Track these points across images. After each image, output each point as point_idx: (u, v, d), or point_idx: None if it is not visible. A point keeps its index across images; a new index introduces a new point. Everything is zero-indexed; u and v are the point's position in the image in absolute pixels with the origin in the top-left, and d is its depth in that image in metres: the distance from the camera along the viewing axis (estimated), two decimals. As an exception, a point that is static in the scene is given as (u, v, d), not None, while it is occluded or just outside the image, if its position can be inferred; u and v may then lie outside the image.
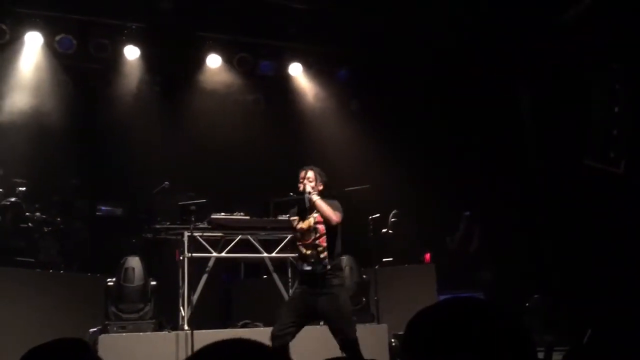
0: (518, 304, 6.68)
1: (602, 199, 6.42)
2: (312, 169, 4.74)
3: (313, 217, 4.57)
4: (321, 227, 4.53)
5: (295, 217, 4.66)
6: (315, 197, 4.56)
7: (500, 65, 7.74)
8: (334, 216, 4.51)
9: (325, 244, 4.51)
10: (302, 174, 4.71)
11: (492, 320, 1.01)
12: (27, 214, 6.31)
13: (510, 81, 7.98)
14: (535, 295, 6.72)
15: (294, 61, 8.67)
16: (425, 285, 6.95)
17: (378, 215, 7.10)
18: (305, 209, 4.62)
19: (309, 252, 4.51)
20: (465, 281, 7.60)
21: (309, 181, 4.66)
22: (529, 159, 7.90)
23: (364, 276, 6.55)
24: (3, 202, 6.20)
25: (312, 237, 4.54)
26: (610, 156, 6.54)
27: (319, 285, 4.47)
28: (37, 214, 6.47)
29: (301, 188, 4.65)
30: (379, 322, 6.35)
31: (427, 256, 7.69)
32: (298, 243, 4.62)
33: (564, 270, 7.07)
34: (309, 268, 4.49)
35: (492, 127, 8.03)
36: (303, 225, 4.59)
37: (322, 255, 4.49)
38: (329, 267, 4.47)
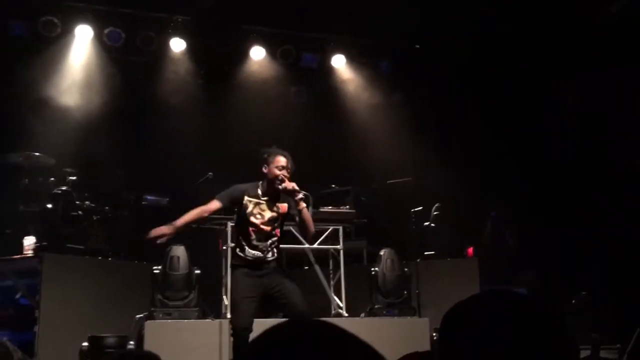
0: (563, 301, 6.55)
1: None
2: (288, 158, 4.47)
3: (277, 208, 4.45)
4: (281, 220, 4.49)
5: (252, 199, 4.40)
6: (304, 205, 4.40)
7: (543, 61, 7.56)
8: (312, 230, 4.49)
9: (278, 236, 4.49)
10: (286, 162, 4.45)
11: (531, 314, 0.99)
12: (77, 202, 6.50)
13: (552, 77, 7.79)
14: (582, 293, 6.57)
15: (337, 53, 8.65)
16: (467, 280, 6.86)
17: (420, 208, 7.05)
18: (275, 197, 4.43)
19: (261, 240, 4.39)
20: (509, 278, 7.48)
21: (288, 172, 4.44)
22: (571, 156, 7.71)
23: (405, 269, 6.52)
24: (55, 191, 6.40)
25: (271, 227, 4.44)
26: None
27: (264, 267, 4.40)
28: (87, 202, 6.65)
29: (280, 177, 4.37)
30: (420, 316, 6.32)
31: (470, 250, 7.59)
32: (251, 229, 4.37)
33: (611, 268, 6.88)
34: (259, 255, 4.38)
35: (533, 122, 7.87)
36: (264, 213, 4.42)
37: (273, 245, 4.43)
38: (276, 255, 4.47)
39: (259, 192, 4.48)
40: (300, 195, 4.37)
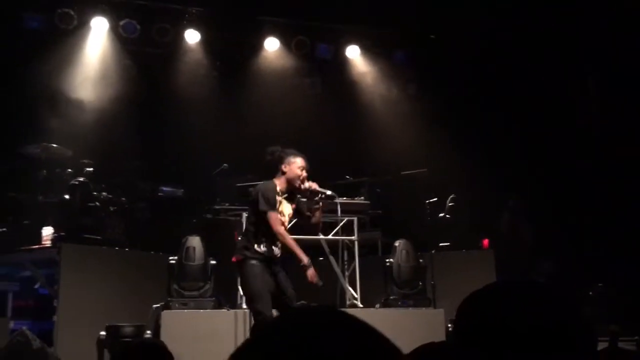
0: (581, 293, 6.49)
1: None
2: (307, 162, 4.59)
3: (291, 206, 4.61)
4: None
5: (279, 197, 4.50)
6: (320, 206, 4.58)
7: (564, 51, 7.46)
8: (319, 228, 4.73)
9: None
10: (305, 163, 4.57)
11: (549, 303, 0.98)
12: (94, 193, 6.56)
13: (574, 66, 7.69)
14: (599, 284, 6.51)
15: (351, 44, 8.61)
16: (483, 271, 6.83)
17: (435, 199, 7.02)
18: (291, 196, 4.58)
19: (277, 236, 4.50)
20: (526, 269, 7.43)
21: (307, 173, 4.56)
22: (593, 146, 7.62)
23: (420, 260, 6.51)
24: (72, 182, 6.46)
25: (286, 224, 4.63)
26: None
27: (275, 264, 4.58)
28: (104, 193, 6.71)
29: (302, 177, 4.50)
30: (435, 307, 6.30)
31: (486, 242, 7.54)
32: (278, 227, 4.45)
33: (629, 259, 6.80)
34: (276, 251, 4.55)
35: (551, 111, 7.77)
36: (284, 210, 4.56)
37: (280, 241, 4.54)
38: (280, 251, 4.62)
39: (278, 189, 4.54)
40: (325, 195, 4.56)
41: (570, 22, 7.21)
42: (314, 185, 4.51)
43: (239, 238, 4.68)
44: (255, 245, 4.49)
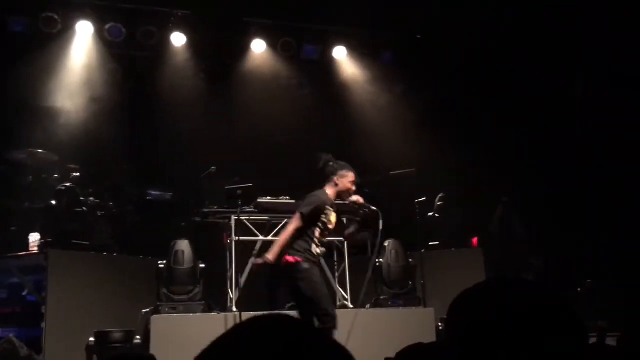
0: (570, 290, 6.54)
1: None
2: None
3: (335, 217, 4.87)
4: None
5: (329, 207, 4.79)
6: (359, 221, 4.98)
7: (552, 49, 7.51)
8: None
9: None
10: (356, 178, 4.88)
11: (539, 300, 0.98)
12: (82, 198, 6.51)
13: (561, 65, 7.74)
14: (588, 281, 6.56)
15: (338, 45, 8.62)
16: (472, 270, 6.86)
17: (424, 198, 7.03)
18: (336, 206, 4.85)
19: (324, 241, 4.85)
20: (515, 267, 7.46)
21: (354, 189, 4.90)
22: (581, 141, 7.67)
23: (410, 260, 6.52)
24: (58, 187, 6.41)
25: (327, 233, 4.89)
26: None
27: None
28: (91, 198, 6.66)
29: (352, 192, 4.83)
30: (425, 306, 6.32)
31: (475, 240, 7.58)
32: (327, 232, 4.81)
33: (618, 256, 6.86)
34: (321, 253, 4.86)
35: (541, 108, 7.82)
36: (333, 220, 4.84)
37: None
38: None
39: (329, 202, 4.84)
40: (369, 209, 4.83)
41: (559, 23, 7.25)
42: (361, 200, 4.82)
43: (297, 241, 4.72)
44: (313, 247, 4.73)
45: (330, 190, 4.83)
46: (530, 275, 7.11)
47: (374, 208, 4.88)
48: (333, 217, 4.83)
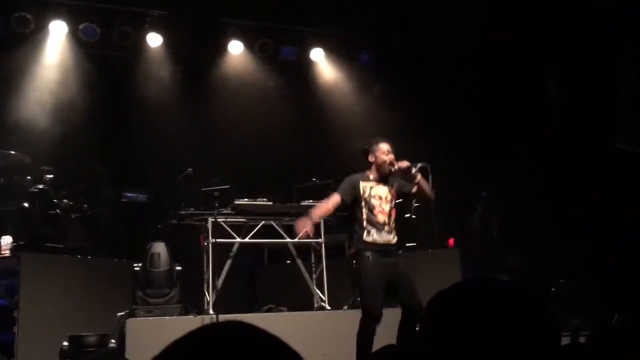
0: (544, 289, 6.62)
1: (630, 182, 6.30)
2: (391, 144, 4.80)
3: (389, 189, 4.70)
4: (394, 199, 4.74)
5: (366, 184, 4.67)
6: (419, 177, 4.70)
7: (526, 44, 7.59)
8: (433, 195, 4.80)
9: (394, 216, 4.70)
10: (389, 146, 4.78)
11: (512, 300, 0.99)
12: (55, 200, 6.40)
13: (537, 61, 7.83)
14: (561, 280, 6.65)
15: (316, 46, 8.63)
16: (449, 271, 6.90)
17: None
18: (385, 181, 4.71)
19: (383, 222, 4.60)
20: (491, 266, 7.53)
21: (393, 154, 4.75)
22: (555, 141, 7.78)
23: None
24: (31, 189, 6.30)
25: (389, 208, 4.67)
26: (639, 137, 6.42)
27: (392, 254, 4.65)
28: (65, 200, 6.56)
29: (389, 160, 4.69)
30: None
31: (451, 241, 7.63)
32: (374, 211, 4.60)
33: (591, 255, 6.97)
34: (384, 237, 4.60)
35: (517, 109, 7.92)
36: (381, 194, 4.66)
37: (394, 226, 4.67)
38: (397, 238, 4.69)
39: (371, 178, 4.72)
40: (415, 169, 4.66)
41: (533, 21, 7.34)
42: (403, 164, 4.69)
43: (353, 231, 4.68)
44: (364, 235, 4.60)
45: (369, 170, 4.75)
46: (505, 275, 7.19)
47: (420, 164, 4.73)
48: (379, 190, 4.66)
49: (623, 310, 5.19)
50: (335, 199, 4.67)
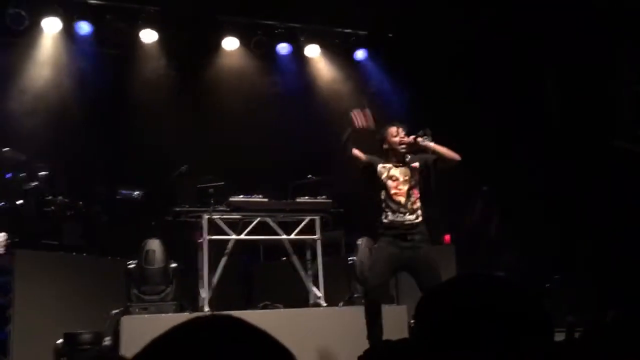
0: (540, 285, 6.63)
1: (628, 179, 6.32)
2: (402, 127, 4.83)
3: (408, 168, 4.70)
4: (417, 177, 4.69)
5: (385, 166, 4.72)
6: (432, 143, 4.66)
7: (526, 44, 7.59)
8: (456, 154, 4.72)
9: (418, 195, 4.66)
10: (396, 128, 4.81)
11: (507, 296, 0.99)
12: (50, 197, 6.38)
13: (536, 60, 7.83)
14: (556, 276, 6.66)
15: (311, 43, 8.61)
16: (445, 267, 6.87)
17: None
18: (403, 162, 4.72)
19: (401, 202, 4.60)
20: (487, 262, 7.55)
21: (403, 134, 4.77)
22: (554, 139, 7.78)
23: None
24: (26, 187, 6.28)
25: (408, 186, 4.66)
26: (638, 136, 6.43)
27: (411, 236, 4.59)
28: (60, 197, 6.55)
29: (399, 141, 4.72)
30: (398, 304, 6.35)
31: (447, 237, 7.64)
32: (392, 192, 4.63)
33: (587, 251, 6.98)
34: (403, 218, 4.59)
35: (516, 107, 7.91)
36: (397, 174, 4.68)
37: (415, 206, 4.63)
38: (420, 218, 4.61)
39: (389, 162, 4.78)
40: (422, 139, 4.67)
41: (529, 18, 7.33)
42: (408, 140, 4.72)
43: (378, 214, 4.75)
44: (382, 217, 4.64)
45: (385, 156, 4.82)
46: (501, 271, 7.20)
47: (421, 131, 4.77)
48: (396, 172, 4.71)
49: (618, 306, 5.21)
50: (362, 155, 4.82)
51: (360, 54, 8.73)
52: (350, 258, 6.47)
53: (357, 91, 8.93)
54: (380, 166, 4.76)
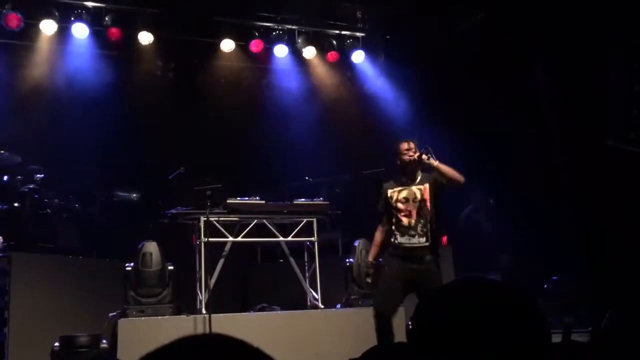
0: (536, 286, 6.63)
1: (622, 178, 6.32)
2: (413, 141, 4.76)
3: (418, 188, 4.66)
4: (428, 196, 4.63)
5: (394, 189, 4.70)
6: (436, 162, 4.58)
7: (519, 38, 7.59)
8: (460, 176, 4.62)
9: (429, 215, 4.61)
10: (407, 144, 4.73)
11: (504, 300, 0.99)
12: (46, 200, 6.37)
13: (529, 59, 7.83)
14: (554, 277, 6.67)
15: (308, 44, 8.61)
16: (442, 268, 6.90)
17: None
18: (414, 180, 4.68)
19: (411, 224, 4.59)
20: (484, 263, 7.55)
21: (414, 151, 4.70)
22: (548, 139, 7.79)
23: (380, 259, 6.53)
24: (22, 189, 6.26)
25: (417, 207, 4.63)
26: (631, 136, 6.44)
27: (419, 258, 4.59)
28: (56, 200, 6.53)
29: (407, 158, 4.67)
30: (396, 306, 6.35)
31: (444, 239, 7.63)
32: (400, 215, 4.62)
33: (584, 252, 6.99)
34: (411, 240, 4.60)
35: (509, 105, 7.92)
36: (407, 195, 4.65)
37: (426, 228, 4.60)
38: (431, 241, 4.60)
39: (399, 181, 4.75)
40: (425, 156, 4.60)
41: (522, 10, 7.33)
42: (414, 157, 4.65)
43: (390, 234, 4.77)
44: (392, 240, 4.68)
45: (401, 174, 4.79)
46: (497, 272, 7.21)
47: (425, 149, 4.66)
48: (406, 192, 4.67)
49: (615, 308, 5.22)
50: (379, 229, 4.82)
51: (357, 56, 8.73)
52: (348, 260, 6.46)
53: (354, 93, 8.96)
54: (390, 191, 4.74)
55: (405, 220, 4.62)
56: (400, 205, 4.65)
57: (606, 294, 5.96)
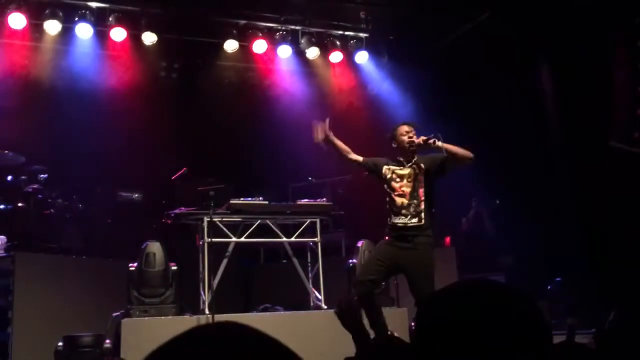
0: (540, 288, 6.62)
1: (626, 180, 6.31)
2: (414, 125, 4.82)
3: (414, 168, 4.66)
4: (423, 178, 4.64)
5: (390, 167, 4.72)
6: (441, 143, 4.58)
7: (523, 39, 7.58)
8: (468, 152, 4.63)
9: (424, 197, 4.61)
10: (408, 127, 4.77)
11: (506, 302, 0.99)
12: (49, 200, 6.38)
13: (532, 61, 7.82)
14: (557, 279, 6.66)
15: (311, 45, 8.61)
16: (445, 269, 6.90)
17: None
18: (407, 159, 4.70)
19: (404, 204, 4.60)
20: (487, 265, 7.54)
21: (414, 133, 4.73)
22: (550, 140, 7.78)
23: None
24: (26, 189, 6.28)
25: (411, 188, 4.63)
26: (635, 137, 6.42)
27: (410, 238, 4.58)
28: (59, 200, 6.54)
29: (408, 140, 4.67)
30: (398, 306, 6.35)
31: (447, 240, 7.64)
32: (394, 194, 4.64)
33: (587, 253, 6.97)
34: (404, 220, 4.59)
35: (511, 108, 7.91)
36: (402, 173, 4.67)
37: (419, 208, 4.60)
38: (424, 221, 4.58)
39: (396, 161, 4.77)
40: (432, 140, 4.59)
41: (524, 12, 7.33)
42: (419, 140, 4.64)
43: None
44: (388, 218, 4.68)
45: (393, 155, 4.81)
46: (500, 274, 7.20)
47: (434, 135, 4.65)
48: (402, 171, 4.68)
49: (618, 309, 5.20)
50: (357, 157, 4.88)
51: (361, 56, 8.72)
52: (351, 260, 6.46)
53: (358, 93, 8.95)
54: (385, 167, 4.76)
55: (398, 200, 4.63)
56: (394, 184, 4.67)
57: (609, 295, 5.95)
